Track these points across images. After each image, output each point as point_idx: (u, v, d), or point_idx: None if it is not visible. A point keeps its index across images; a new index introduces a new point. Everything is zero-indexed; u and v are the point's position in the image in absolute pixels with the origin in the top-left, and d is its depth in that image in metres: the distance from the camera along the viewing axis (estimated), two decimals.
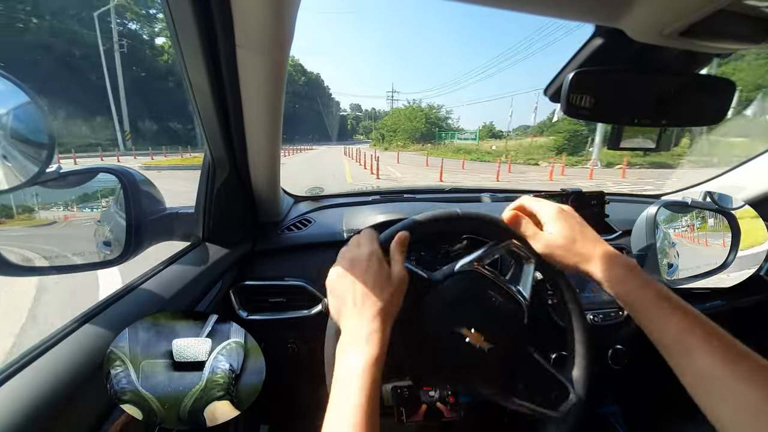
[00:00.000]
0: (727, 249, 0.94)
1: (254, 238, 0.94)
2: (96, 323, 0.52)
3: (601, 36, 0.42)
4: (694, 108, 0.46)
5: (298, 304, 0.90)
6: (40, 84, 26.79)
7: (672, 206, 0.95)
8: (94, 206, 0.64)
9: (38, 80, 27.70)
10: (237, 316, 0.86)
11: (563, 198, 0.96)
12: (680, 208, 0.96)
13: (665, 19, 0.34)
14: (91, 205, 0.64)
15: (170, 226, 0.76)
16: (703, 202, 0.95)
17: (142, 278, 0.66)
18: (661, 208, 0.91)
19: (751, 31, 0.35)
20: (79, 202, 0.62)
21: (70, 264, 0.60)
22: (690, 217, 0.97)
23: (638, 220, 0.93)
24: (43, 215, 0.57)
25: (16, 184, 0.44)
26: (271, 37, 0.49)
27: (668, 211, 0.94)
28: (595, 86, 0.43)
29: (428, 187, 1.44)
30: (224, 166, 0.76)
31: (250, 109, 0.63)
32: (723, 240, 0.95)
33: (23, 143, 0.44)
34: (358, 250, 0.48)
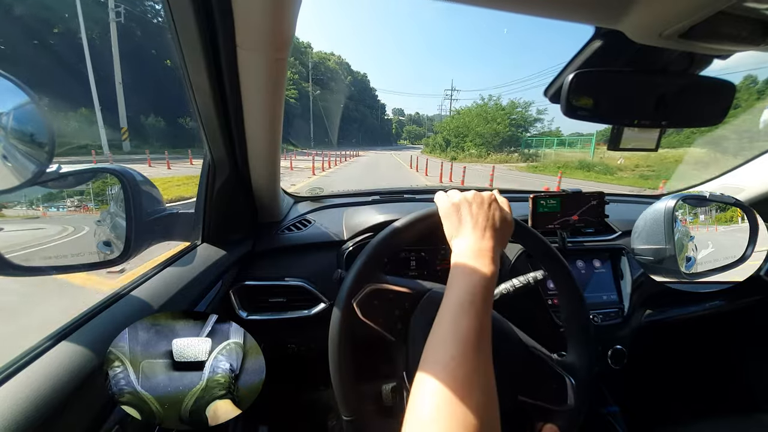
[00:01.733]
0: (745, 243, 0.93)
1: (254, 239, 0.94)
2: (95, 324, 0.52)
3: (601, 37, 0.42)
4: (693, 109, 0.46)
5: (298, 304, 0.90)
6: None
7: (690, 200, 0.94)
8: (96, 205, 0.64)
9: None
10: (237, 316, 0.86)
11: (563, 198, 0.96)
12: (698, 202, 0.95)
13: (665, 21, 0.34)
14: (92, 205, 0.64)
15: (170, 226, 0.76)
16: (721, 196, 0.95)
17: (143, 278, 0.66)
18: (679, 201, 0.90)
19: (750, 33, 0.35)
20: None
21: (70, 264, 0.60)
22: (708, 210, 0.97)
23: (652, 214, 0.92)
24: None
25: (16, 184, 0.44)
26: (271, 38, 0.49)
27: (687, 204, 0.94)
28: (595, 87, 0.43)
29: (428, 188, 1.44)
30: (224, 167, 0.76)
31: (251, 109, 0.63)
32: (741, 234, 0.94)
33: (23, 143, 0.44)
34: (477, 195, 0.54)
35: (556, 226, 0.95)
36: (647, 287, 1.01)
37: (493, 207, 0.52)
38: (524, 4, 0.37)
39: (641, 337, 0.99)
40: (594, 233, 1.08)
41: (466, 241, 0.48)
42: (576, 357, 0.58)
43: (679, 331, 1.18)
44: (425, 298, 0.58)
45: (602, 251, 1.05)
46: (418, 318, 0.56)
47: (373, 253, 0.55)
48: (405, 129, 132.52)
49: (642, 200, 1.39)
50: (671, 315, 1.04)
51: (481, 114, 32.97)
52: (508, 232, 0.53)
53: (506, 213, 0.53)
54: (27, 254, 0.55)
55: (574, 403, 0.54)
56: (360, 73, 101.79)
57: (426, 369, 0.36)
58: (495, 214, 0.51)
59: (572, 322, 0.60)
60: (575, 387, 0.55)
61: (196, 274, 0.72)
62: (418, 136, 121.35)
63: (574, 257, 1.03)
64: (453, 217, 0.52)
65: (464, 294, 0.42)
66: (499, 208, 0.53)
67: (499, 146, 30.79)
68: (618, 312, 0.98)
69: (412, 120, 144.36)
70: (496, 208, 0.52)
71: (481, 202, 0.52)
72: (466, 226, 0.50)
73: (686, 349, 1.24)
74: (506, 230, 0.52)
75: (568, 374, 0.56)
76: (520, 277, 0.75)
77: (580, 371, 0.56)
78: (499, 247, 0.49)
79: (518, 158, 26.12)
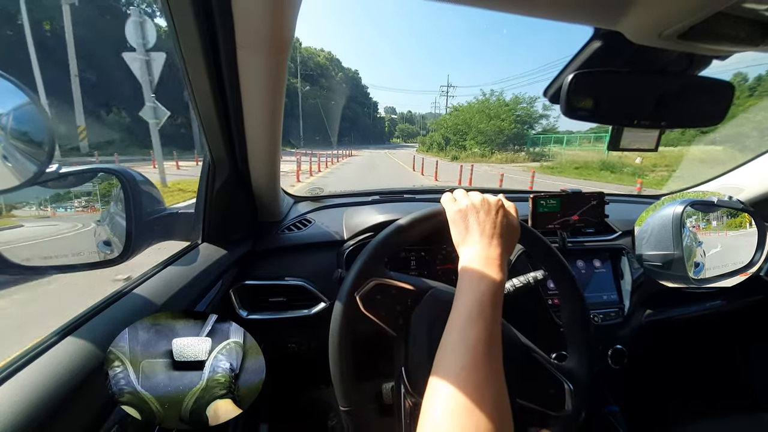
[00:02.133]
0: (753, 247, 0.93)
1: (254, 238, 0.94)
2: (95, 323, 0.52)
3: (600, 38, 0.42)
4: (693, 109, 0.46)
5: (298, 303, 0.90)
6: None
7: (698, 205, 0.95)
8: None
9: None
10: (237, 315, 0.86)
11: (563, 197, 0.96)
12: (706, 208, 0.95)
13: (664, 22, 0.34)
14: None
15: (170, 226, 0.76)
16: (729, 201, 0.95)
17: (142, 278, 0.66)
18: (687, 207, 0.91)
19: (749, 34, 0.35)
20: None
21: (69, 264, 0.60)
22: (716, 216, 0.97)
23: (659, 219, 0.92)
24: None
25: (16, 184, 0.44)
26: (271, 38, 0.49)
27: (694, 210, 0.94)
28: (595, 88, 0.44)
29: (428, 188, 1.44)
30: (224, 167, 0.76)
31: (251, 109, 0.63)
32: (749, 239, 0.94)
33: (23, 143, 0.44)
34: (484, 201, 0.53)
35: (556, 226, 0.95)
36: (647, 287, 1.01)
37: (500, 214, 0.52)
38: (524, 5, 0.37)
39: (641, 336, 0.99)
40: (594, 233, 1.08)
41: (473, 249, 0.48)
42: (576, 362, 0.58)
43: (680, 331, 1.18)
44: (427, 295, 0.58)
45: (602, 251, 1.05)
46: (420, 315, 0.56)
47: (375, 250, 0.55)
48: (398, 127, 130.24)
49: (642, 200, 1.39)
50: (671, 315, 1.05)
51: (483, 110, 29.83)
52: (515, 239, 0.53)
53: (513, 219, 0.53)
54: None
55: (572, 410, 0.54)
56: (351, 69, 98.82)
57: (438, 377, 0.37)
58: (502, 221, 0.52)
59: (573, 326, 0.60)
60: (573, 393, 0.55)
61: (197, 273, 0.72)
62: (411, 135, 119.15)
63: (575, 257, 1.03)
64: (460, 224, 0.52)
65: (473, 303, 0.42)
66: (506, 214, 0.53)
67: (503, 144, 28.17)
68: (618, 312, 0.98)
69: (404, 118, 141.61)
70: (504, 215, 0.52)
71: (489, 209, 0.52)
72: (473, 233, 0.50)
73: (686, 349, 1.24)
74: (513, 237, 0.53)
75: (567, 379, 0.56)
76: (520, 277, 0.75)
77: (579, 377, 0.56)
78: (506, 254, 0.49)
79: (525, 157, 23.90)
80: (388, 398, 0.69)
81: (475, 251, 0.48)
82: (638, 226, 0.97)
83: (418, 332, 0.55)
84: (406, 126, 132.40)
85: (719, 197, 0.96)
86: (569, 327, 0.60)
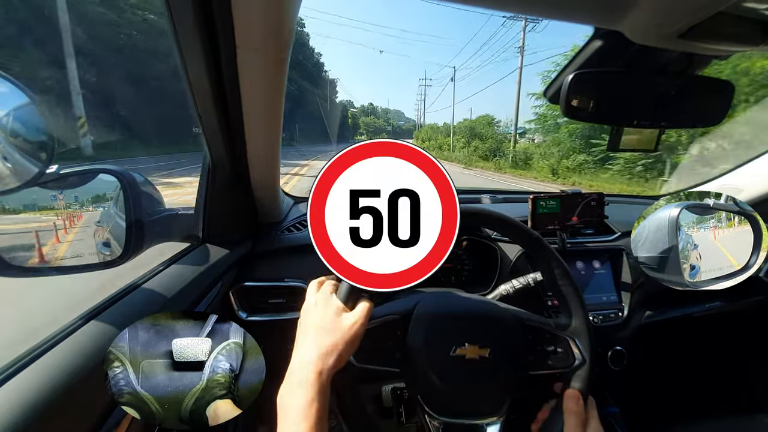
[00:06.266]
0: (749, 250, 0.93)
1: (254, 239, 0.94)
2: (96, 323, 0.52)
3: (600, 38, 0.42)
4: (693, 109, 0.46)
5: (298, 305, 0.89)
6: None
7: (694, 208, 0.94)
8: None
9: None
10: (236, 317, 0.86)
11: (563, 198, 0.96)
12: (702, 210, 0.95)
13: (664, 22, 0.34)
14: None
15: (170, 226, 0.76)
16: (725, 204, 0.95)
17: (142, 278, 0.66)
18: (683, 210, 0.90)
19: (749, 34, 0.35)
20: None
21: (69, 265, 0.60)
22: (712, 218, 0.96)
23: (655, 222, 0.92)
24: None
25: (17, 184, 0.44)
26: (271, 38, 0.49)
27: (690, 212, 0.94)
28: (595, 88, 0.44)
29: None
30: (224, 167, 0.76)
31: (250, 109, 0.63)
32: (745, 241, 0.94)
33: (23, 144, 0.44)
34: (317, 295, 0.53)
35: (555, 227, 0.95)
36: (647, 288, 1.01)
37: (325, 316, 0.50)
38: (524, 5, 0.37)
39: (641, 338, 0.99)
40: (593, 234, 1.08)
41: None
42: (572, 316, 0.58)
43: (679, 332, 1.18)
44: (414, 315, 0.57)
45: (602, 252, 1.05)
46: (414, 337, 0.56)
47: None
48: (361, 121, 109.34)
49: (641, 201, 1.39)
50: (671, 316, 1.04)
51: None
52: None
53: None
54: None
55: (582, 358, 0.55)
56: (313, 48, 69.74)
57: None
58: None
59: (556, 286, 0.59)
60: (579, 344, 0.55)
61: (197, 274, 0.72)
62: (378, 130, 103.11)
63: (574, 258, 1.02)
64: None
65: None
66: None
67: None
68: (618, 313, 0.97)
69: (364, 111, 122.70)
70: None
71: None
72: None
73: (686, 350, 1.24)
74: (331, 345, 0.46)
75: (570, 335, 0.56)
76: (520, 278, 0.75)
77: (579, 328, 0.57)
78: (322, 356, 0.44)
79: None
80: (388, 401, 0.69)
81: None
82: (634, 229, 0.97)
83: (418, 354, 0.54)
84: (371, 119, 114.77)
85: (715, 200, 0.95)
86: (554, 289, 0.59)
